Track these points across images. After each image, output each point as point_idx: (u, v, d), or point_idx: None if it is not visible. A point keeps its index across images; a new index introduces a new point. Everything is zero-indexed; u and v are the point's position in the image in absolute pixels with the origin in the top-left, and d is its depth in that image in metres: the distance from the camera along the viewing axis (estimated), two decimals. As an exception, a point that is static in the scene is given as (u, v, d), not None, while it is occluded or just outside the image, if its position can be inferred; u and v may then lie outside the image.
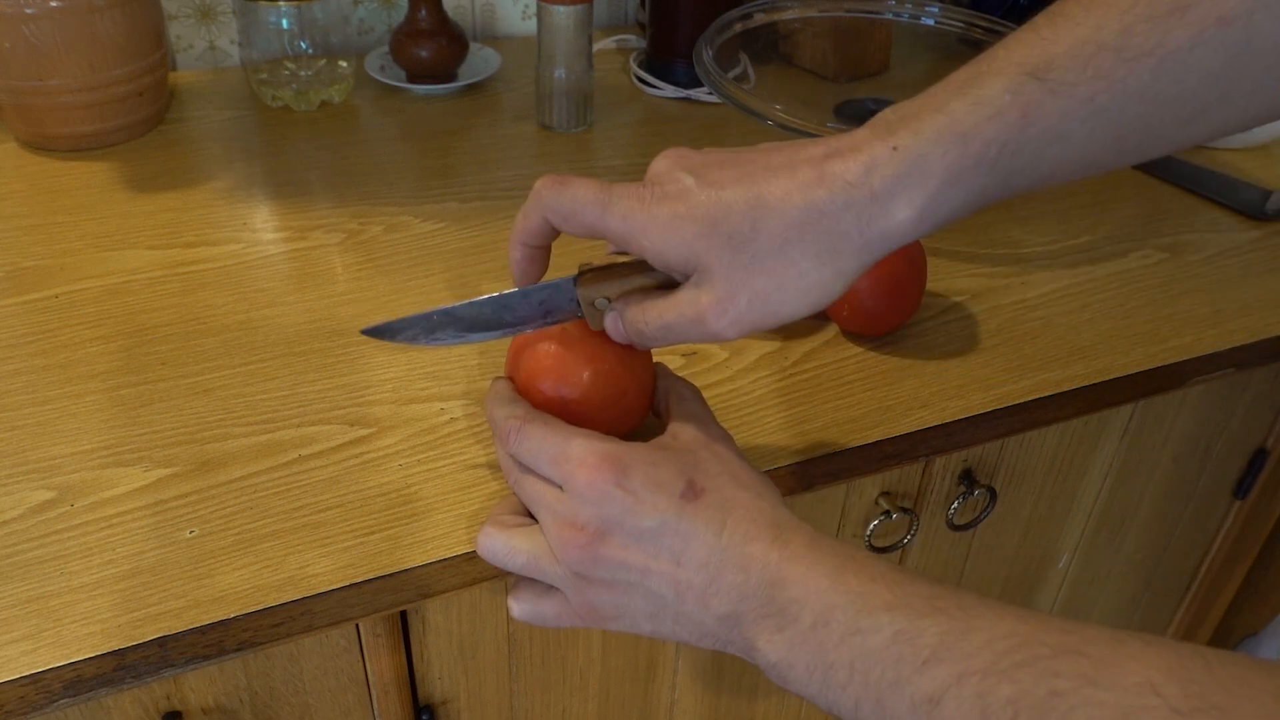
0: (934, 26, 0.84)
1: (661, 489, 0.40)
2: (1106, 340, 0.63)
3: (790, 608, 0.38)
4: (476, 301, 0.46)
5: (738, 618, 0.39)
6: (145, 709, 0.47)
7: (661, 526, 0.39)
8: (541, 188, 0.43)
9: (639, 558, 0.40)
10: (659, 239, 0.40)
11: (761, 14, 0.82)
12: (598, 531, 0.40)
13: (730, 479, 0.42)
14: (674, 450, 0.42)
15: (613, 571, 0.40)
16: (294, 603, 0.44)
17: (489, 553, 0.44)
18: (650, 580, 0.40)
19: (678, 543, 0.39)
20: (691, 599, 0.39)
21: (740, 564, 0.39)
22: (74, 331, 0.59)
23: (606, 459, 0.40)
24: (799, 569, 0.38)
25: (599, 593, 0.41)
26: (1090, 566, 0.80)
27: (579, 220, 0.42)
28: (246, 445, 0.51)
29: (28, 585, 0.44)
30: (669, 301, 0.41)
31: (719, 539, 0.39)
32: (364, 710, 0.53)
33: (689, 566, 0.39)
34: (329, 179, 0.75)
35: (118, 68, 0.75)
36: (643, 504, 0.40)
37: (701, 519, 0.40)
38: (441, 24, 0.88)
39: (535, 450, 0.43)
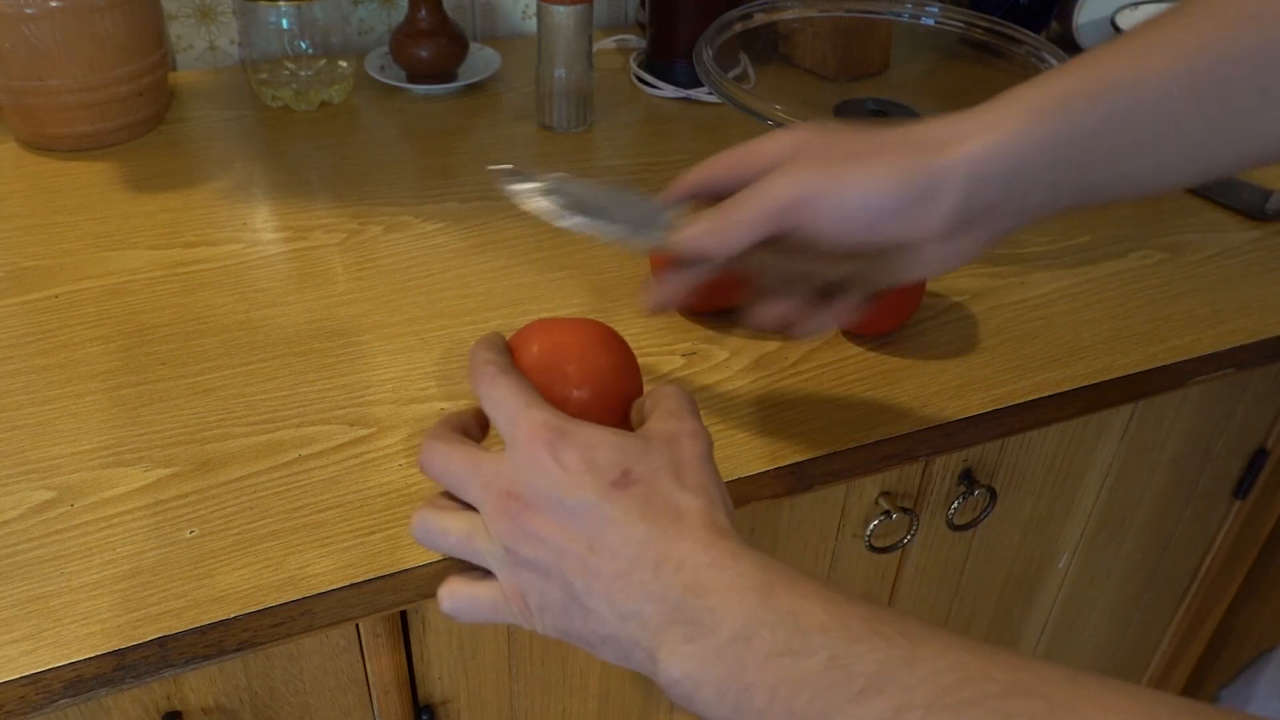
0: (934, 26, 0.84)
1: (594, 470, 0.38)
2: (1106, 340, 0.63)
3: (705, 617, 0.34)
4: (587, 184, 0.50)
5: (643, 619, 0.36)
6: (145, 709, 0.47)
7: (582, 506, 0.37)
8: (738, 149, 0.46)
9: (558, 536, 0.38)
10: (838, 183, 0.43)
11: (761, 14, 0.82)
12: (526, 501, 0.39)
13: (672, 476, 0.39)
14: (626, 437, 0.40)
15: (535, 548, 0.38)
16: (294, 603, 0.44)
17: (422, 530, 0.42)
18: (565, 563, 0.38)
19: (595, 527, 0.37)
20: (599, 590, 0.37)
21: (654, 560, 0.36)
22: (74, 331, 0.59)
23: (551, 428, 0.39)
24: (722, 577, 0.35)
25: (525, 575, 0.39)
26: (1090, 566, 0.80)
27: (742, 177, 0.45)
28: (246, 445, 0.51)
29: (28, 585, 0.44)
30: None
31: (635, 529, 0.37)
32: (364, 710, 0.53)
33: (602, 553, 0.37)
34: (329, 179, 0.75)
35: (118, 68, 0.75)
36: (571, 480, 0.38)
37: (622, 507, 0.37)
38: (441, 24, 0.88)
39: (498, 402, 0.41)
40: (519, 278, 0.65)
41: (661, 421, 0.42)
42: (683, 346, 0.60)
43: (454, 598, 0.41)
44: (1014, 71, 0.80)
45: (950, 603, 0.74)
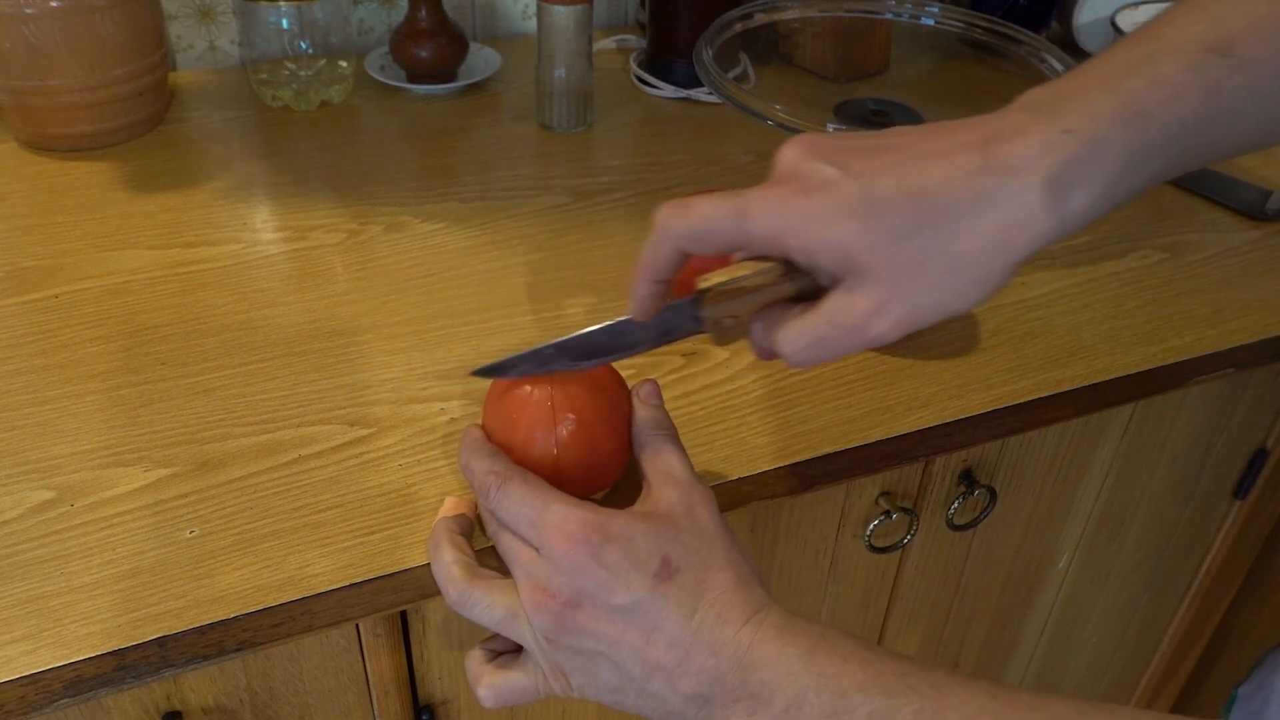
0: (934, 26, 0.84)
1: (637, 566, 0.39)
2: (1106, 340, 0.63)
3: (763, 691, 0.37)
4: (590, 331, 0.44)
5: (708, 699, 0.38)
6: (145, 709, 0.46)
7: (634, 605, 0.39)
8: (665, 217, 0.40)
9: (610, 630, 0.39)
10: (809, 238, 0.36)
11: (761, 14, 0.82)
12: (570, 601, 0.39)
13: (708, 557, 0.40)
14: (653, 521, 0.40)
15: (581, 640, 0.39)
16: (294, 603, 0.44)
17: (466, 604, 0.42)
18: (619, 653, 0.39)
19: (649, 621, 0.39)
20: (660, 678, 0.39)
21: (711, 647, 0.38)
22: (74, 331, 0.59)
23: (584, 529, 0.39)
24: (771, 651, 0.38)
25: (568, 658, 0.40)
26: (1090, 566, 0.80)
27: (715, 237, 0.39)
28: (246, 445, 0.51)
29: (28, 585, 0.44)
30: (818, 313, 0.38)
31: (690, 620, 0.39)
32: (364, 710, 0.53)
33: (659, 645, 0.39)
34: (329, 179, 0.75)
35: (118, 68, 0.75)
36: (617, 580, 0.39)
37: (674, 600, 0.39)
38: (441, 24, 0.88)
39: (514, 510, 0.41)
40: (519, 278, 0.65)
41: (669, 490, 0.42)
42: (683, 346, 0.60)
43: (495, 689, 0.43)
44: (1014, 71, 0.80)
45: (950, 603, 0.74)
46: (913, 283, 0.36)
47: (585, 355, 0.44)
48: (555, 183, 0.77)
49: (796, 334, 0.38)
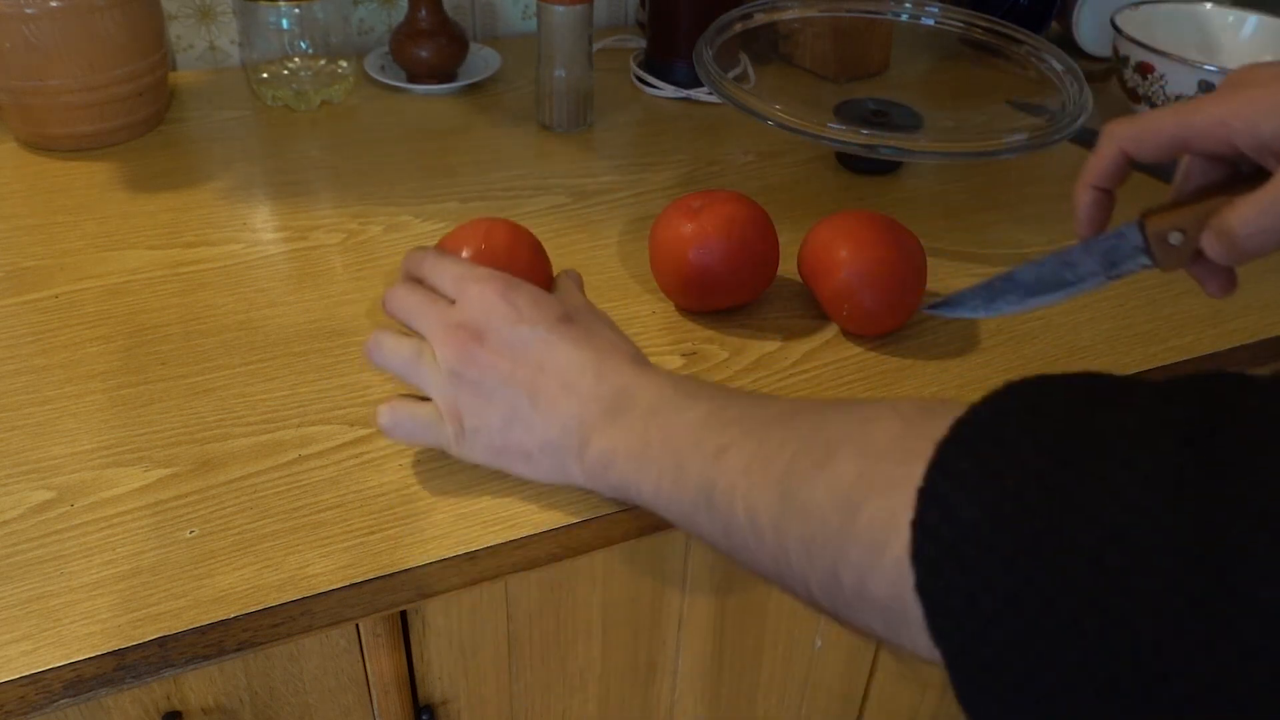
0: (934, 26, 0.84)
1: (540, 309, 0.46)
2: (1106, 340, 0.63)
3: (631, 404, 0.44)
4: (1036, 263, 0.47)
5: (582, 419, 0.44)
6: (145, 709, 0.46)
7: (533, 336, 0.45)
8: (1112, 124, 0.45)
9: (507, 362, 0.45)
10: (1253, 114, 0.40)
11: (761, 14, 0.82)
12: (477, 333, 0.46)
13: (603, 324, 0.49)
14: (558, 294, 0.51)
15: (482, 372, 0.45)
16: (294, 603, 0.44)
17: (375, 348, 0.49)
18: (512, 386, 0.45)
19: (544, 353, 0.45)
20: (544, 404, 0.45)
21: (596, 372, 0.45)
22: (74, 331, 0.59)
23: (500, 278, 0.47)
24: (648, 377, 0.45)
25: (467, 396, 0.46)
26: (1090, 566, 0.80)
27: (1160, 134, 0.43)
28: (246, 445, 0.51)
29: (28, 585, 0.44)
30: (1263, 188, 0.40)
31: (580, 353, 0.45)
32: (364, 710, 0.53)
33: (549, 373, 0.45)
34: (329, 179, 0.75)
35: (118, 68, 0.75)
36: (521, 316, 0.46)
37: (569, 338, 0.46)
38: (441, 24, 0.88)
39: (441, 269, 0.49)
40: (519, 278, 0.65)
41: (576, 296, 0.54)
42: (683, 346, 0.60)
43: (394, 412, 0.48)
44: (1014, 72, 0.80)
45: (950, 603, 0.74)
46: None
47: (1032, 290, 0.47)
48: (555, 183, 0.77)
49: (1248, 207, 0.41)
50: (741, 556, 0.39)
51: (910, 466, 0.31)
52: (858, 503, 0.33)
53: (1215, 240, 0.42)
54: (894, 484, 0.31)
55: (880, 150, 0.67)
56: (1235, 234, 0.41)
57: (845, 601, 0.34)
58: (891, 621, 0.32)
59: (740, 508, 0.38)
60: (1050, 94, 0.76)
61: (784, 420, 0.39)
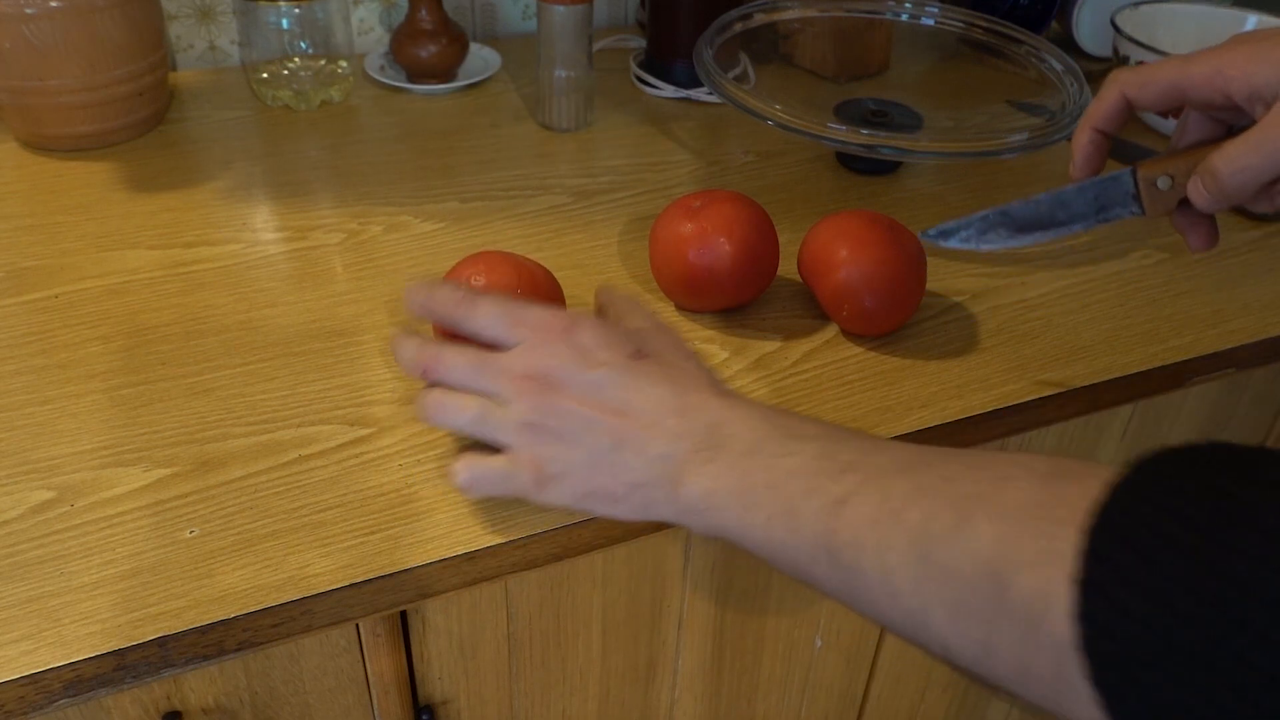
0: (934, 26, 0.84)
1: (610, 347, 0.44)
2: (1106, 340, 0.63)
3: (725, 441, 0.42)
4: (1033, 200, 0.50)
5: (672, 457, 0.42)
6: (145, 709, 0.47)
7: (608, 379, 0.43)
8: (1118, 71, 0.48)
9: (585, 407, 0.43)
10: (1249, 65, 0.43)
11: (761, 14, 0.82)
12: (549, 382, 0.43)
13: (676, 351, 0.46)
14: (623, 328, 0.47)
15: (560, 419, 0.43)
16: (294, 603, 0.44)
17: (436, 408, 0.46)
18: (594, 430, 0.43)
19: (622, 394, 0.43)
20: (631, 446, 0.43)
21: (680, 409, 0.43)
22: (74, 331, 0.59)
23: (560, 318, 0.45)
24: (738, 411, 0.43)
25: (547, 445, 0.44)
26: (1090, 566, 0.80)
27: (1157, 80, 0.46)
28: (246, 445, 0.51)
29: (28, 585, 0.44)
30: (1257, 127, 0.43)
31: (659, 389, 0.43)
32: (364, 710, 0.53)
33: (632, 415, 0.43)
34: (329, 179, 0.75)
35: (118, 68, 0.75)
36: (592, 360, 0.44)
37: (645, 374, 0.44)
38: (441, 24, 0.88)
39: (491, 317, 0.45)
40: (519, 278, 0.65)
41: (637, 318, 0.49)
42: (683, 346, 0.60)
43: (471, 469, 0.45)
44: (1014, 72, 0.80)
45: (950, 603, 0.74)
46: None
47: (1024, 227, 0.50)
48: (555, 183, 0.77)
49: (1233, 147, 0.44)
50: (869, 611, 0.38)
51: (1055, 541, 0.31)
52: (1006, 575, 0.32)
53: (1200, 181, 0.45)
54: (1041, 559, 0.31)
55: (880, 150, 0.67)
56: (1219, 172, 0.44)
57: (1001, 674, 0.33)
58: (1056, 697, 0.31)
59: (870, 565, 0.37)
60: (1050, 94, 0.76)
61: (906, 471, 0.38)
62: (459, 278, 0.53)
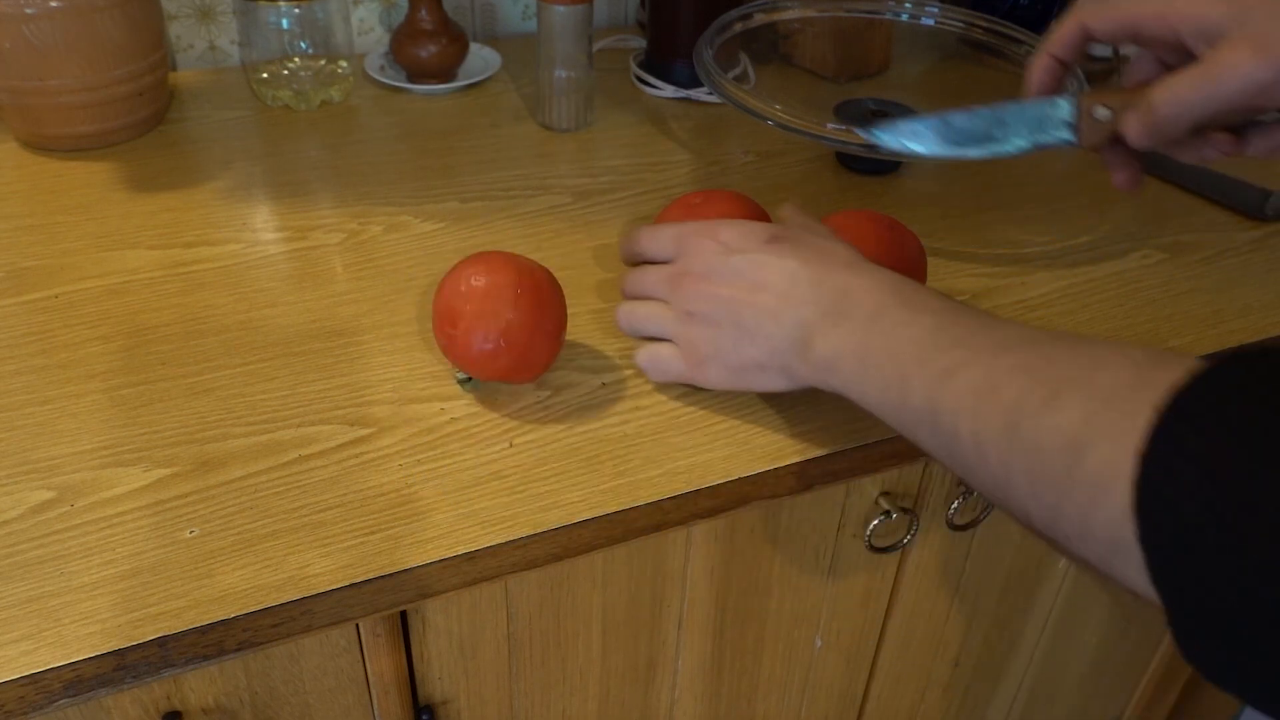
0: (934, 26, 0.84)
1: (749, 236, 0.50)
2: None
3: (852, 308, 0.46)
4: (973, 111, 0.52)
5: (804, 323, 0.47)
6: (145, 709, 0.47)
7: (744, 261, 0.49)
8: (1081, 2, 0.50)
9: (727, 289, 0.50)
10: (1200, 3, 0.45)
11: (761, 14, 0.82)
12: (699, 274, 0.51)
13: (812, 234, 0.51)
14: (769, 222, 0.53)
15: (708, 303, 0.50)
16: (294, 603, 0.44)
17: (626, 314, 0.56)
18: (736, 309, 0.49)
19: (759, 273, 0.49)
20: (768, 317, 0.48)
21: (811, 279, 0.47)
22: (74, 331, 0.59)
23: (706, 225, 0.53)
24: (864, 280, 0.47)
25: (700, 329, 0.51)
26: (1090, 566, 0.80)
27: (1115, 11, 0.48)
28: (246, 445, 0.51)
29: (28, 585, 0.44)
30: (1199, 63, 0.45)
31: (790, 263, 0.48)
32: (364, 710, 0.53)
33: (767, 289, 0.48)
34: (329, 179, 0.75)
35: (118, 68, 0.75)
36: (730, 248, 0.50)
37: (778, 253, 0.49)
38: (441, 24, 0.88)
39: (654, 237, 0.56)
40: (519, 278, 0.65)
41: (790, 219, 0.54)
42: (683, 346, 0.60)
43: (648, 354, 0.54)
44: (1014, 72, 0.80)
45: (950, 603, 0.74)
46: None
47: (958, 139, 0.52)
48: (555, 183, 0.77)
49: (1174, 81, 0.46)
50: (962, 473, 0.42)
51: (1136, 418, 0.33)
52: (1083, 447, 0.35)
53: (1135, 114, 0.47)
54: (1116, 434, 0.33)
55: (880, 150, 0.67)
56: (1155, 104, 0.46)
57: (1065, 535, 0.36)
58: (1110, 559, 0.34)
59: (965, 431, 0.40)
60: (1050, 94, 0.76)
61: (1010, 349, 0.40)
62: (459, 278, 0.53)
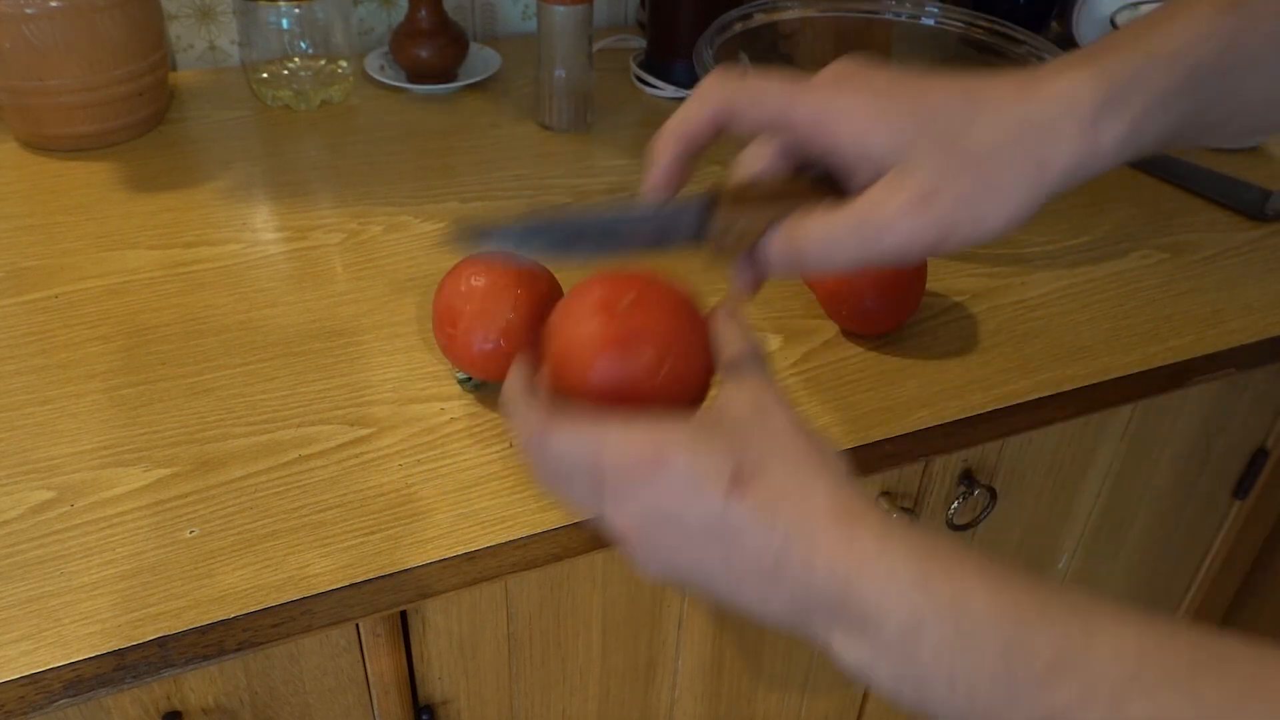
0: (934, 26, 0.84)
1: (708, 479, 0.36)
2: (1106, 340, 0.63)
3: (871, 614, 0.33)
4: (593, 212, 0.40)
5: (805, 614, 0.35)
6: (145, 709, 0.46)
7: (711, 522, 0.36)
8: (712, 78, 0.39)
9: (690, 551, 0.37)
10: (862, 124, 0.37)
11: (761, 14, 0.82)
12: (642, 528, 0.37)
13: (782, 460, 0.37)
14: (720, 428, 0.37)
15: (666, 555, 0.37)
16: (294, 603, 0.44)
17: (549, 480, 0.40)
18: (705, 570, 0.37)
19: (728, 538, 0.36)
20: (752, 588, 0.36)
21: (803, 561, 0.35)
22: (74, 331, 0.59)
23: (645, 449, 0.36)
24: (875, 571, 0.34)
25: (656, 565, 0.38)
26: (1090, 566, 0.80)
27: (761, 107, 0.38)
28: (246, 445, 0.51)
29: (28, 585, 0.44)
30: (853, 205, 0.37)
31: (773, 533, 0.35)
32: (364, 710, 0.53)
33: (744, 560, 0.36)
34: (329, 179, 0.75)
35: (118, 68, 0.75)
36: (689, 497, 0.36)
37: (752, 511, 0.35)
38: (441, 24, 0.88)
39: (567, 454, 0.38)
40: (519, 278, 0.65)
41: (740, 390, 0.39)
42: (683, 346, 0.60)
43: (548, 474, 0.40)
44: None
45: (950, 603, 0.74)
46: (959, 182, 0.36)
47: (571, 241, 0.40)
48: (555, 183, 0.77)
49: (825, 227, 0.37)
50: None
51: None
52: None
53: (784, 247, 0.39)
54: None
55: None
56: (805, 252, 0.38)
57: None
58: None
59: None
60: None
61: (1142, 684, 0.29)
62: (459, 278, 0.53)
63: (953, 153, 0.36)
